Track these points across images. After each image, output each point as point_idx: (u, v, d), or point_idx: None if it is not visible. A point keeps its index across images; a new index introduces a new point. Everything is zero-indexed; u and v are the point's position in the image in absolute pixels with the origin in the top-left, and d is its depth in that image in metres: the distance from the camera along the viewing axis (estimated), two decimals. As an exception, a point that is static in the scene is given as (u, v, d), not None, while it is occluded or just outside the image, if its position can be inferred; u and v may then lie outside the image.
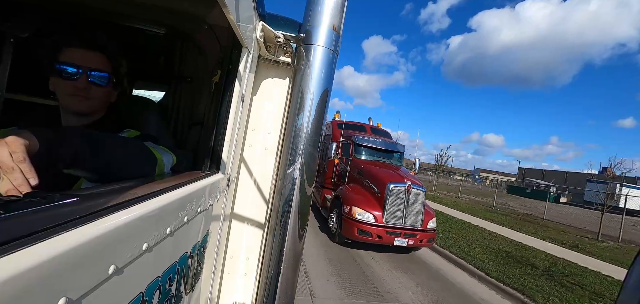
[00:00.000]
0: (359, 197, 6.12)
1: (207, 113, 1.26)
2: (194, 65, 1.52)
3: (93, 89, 0.91)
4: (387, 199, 5.78)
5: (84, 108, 0.92)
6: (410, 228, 5.85)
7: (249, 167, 1.46)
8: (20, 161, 0.50)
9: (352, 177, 7.10)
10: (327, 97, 1.14)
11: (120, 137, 0.90)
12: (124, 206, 0.51)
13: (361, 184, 6.64)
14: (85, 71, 0.89)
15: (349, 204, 5.94)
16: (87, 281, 0.40)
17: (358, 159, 7.38)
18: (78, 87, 0.88)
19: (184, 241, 0.79)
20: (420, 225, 5.93)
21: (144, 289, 0.57)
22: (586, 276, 6.09)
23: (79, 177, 0.78)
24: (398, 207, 5.84)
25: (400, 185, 5.89)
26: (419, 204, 5.98)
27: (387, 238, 5.70)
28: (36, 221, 0.37)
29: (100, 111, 0.99)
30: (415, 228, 5.89)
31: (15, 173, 0.50)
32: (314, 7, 1.09)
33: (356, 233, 5.67)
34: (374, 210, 5.81)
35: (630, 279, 1.74)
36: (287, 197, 1.11)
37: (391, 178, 6.08)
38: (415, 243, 5.89)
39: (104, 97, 0.96)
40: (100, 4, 1.29)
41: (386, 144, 7.96)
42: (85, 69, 0.88)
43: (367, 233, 5.66)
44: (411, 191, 5.90)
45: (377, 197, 6.03)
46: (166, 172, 0.94)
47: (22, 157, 0.50)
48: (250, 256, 1.48)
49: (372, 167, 6.74)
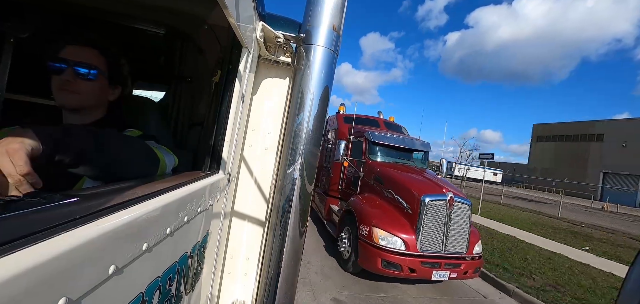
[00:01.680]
0: (380, 214, 4.48)
1: (207, 113, 1.26)
2: (194, 65, 1.52)
3: (81, 84, 0.90)
4: (422, 217, 4.11)
5: (72, 103, 0.91)
6: (453, 256, 4.17)
7: (249, 167, 1.46)
8: (25, 174, 0.51)
9: (366, 184, 5.46)
10: (327, 97, 1.14)
11: (123, 136, 0.89)
12: (124, 206, 0.51)
13: (380, 194, 5.01)
14: (72, 65, 0.88)
15: (367, 224, 4.31)
16: (87, 281, 0.40)
17: (374, 161, 5.69)
18: (64, 81, 0.88)
19: (184, 241, 0.79)
20: (466, 251, 4.24)
21: (144, 289, 0.57)
22: None
23: (81, 175, 0.78)
24: (437, 229, 4.17)
25: (440, 198, 4.21)
26: (464, 223, 4.30)
27: (423, 271, 4.02)
28: (36, 221, 0.36)
29: (97, 109, 0.98)
30: (459, 256, 4.19)
31: (23, 186, 0.51)
32: (314, 7, 1.09)
33: (379, 265, 4.02)
34: (403, 232, 4.12)
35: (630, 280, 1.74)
36: (287, 196, 1.11)
37: (426, 188, 4.39)
38: (458, 276, 4.20)
39: (96, 93, 0.95)
40: (101, 4, 1.30)
41: (410, 142, 6.24)
42: (71, 63, 0.88)
43: (395, 265, 3.98)
44: (454, 206, 4.24)
45: (406, 213, 4.35)
46: (167, 173, 0.94)
47: (26, 169, 0.50)
48: (250, 256, 1.48)
49: (395, 173, 5.09)
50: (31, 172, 0.51)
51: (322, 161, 7.57)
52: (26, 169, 0.50)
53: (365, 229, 4.32)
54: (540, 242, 8.25)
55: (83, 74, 0.90)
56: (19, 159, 0.50)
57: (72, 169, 0.63)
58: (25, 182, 0.51)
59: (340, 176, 6.35)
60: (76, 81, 0.89)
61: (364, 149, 5.92)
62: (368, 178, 5.46)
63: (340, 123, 7.15)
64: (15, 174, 0.49)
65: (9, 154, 0.49)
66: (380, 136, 5.99)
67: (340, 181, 6.35)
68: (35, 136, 0.54)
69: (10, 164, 0.49)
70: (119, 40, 1.01)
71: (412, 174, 5.17)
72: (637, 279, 1.72)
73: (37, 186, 0.53)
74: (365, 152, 5.88)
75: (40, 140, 0.54)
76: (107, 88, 0.99)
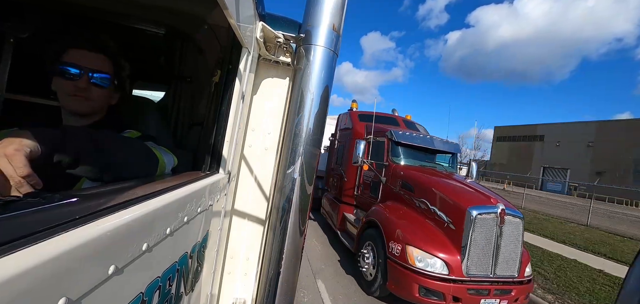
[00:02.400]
0: (414, 229, 3.68)
1: (207, 113, 1.26)
2: (194, 65, 1.52)
3: (93, 90, 0.91)
4: (468, 234, 3.32)
5: (83, 109, 0.92)
6: (503, 280, 3.42)
7: (249, 167, 1.46)
8: (25, 175, 0.51)
9: (389, 191, 4.68)
10: (327, 97, 1.14)
11: (122, 137, 0.90)
12: (124, 206, 0.51)
13: (409, 204, 4.21)
14: (87, 72, 0.89)
15: (399, 241, 3.56)
16: (87, 281, 0.40)
17: (397, 165, 4.85)
18: (79, 88, 0.88)
19: (184, 241, 0.79)
20: (517, 274, 3.49)
21: (144, 289, 0.57)
22: None
23: (80, 176, 0.78)
24: (486, 249, 3.39)
25: (489, 211, 3.41)
26: (517, 240, 3.53)
27: (469, 301, 3.26)
28: (36, 221, 0.37)
29: (100, 112, 0.99)
30: (510, 280, 3.45)
31: (24, 187, 0.51)
32: (314, 7, 1.09)
33: (416, 292, 3.27)
34: (444, 252, 3.35)
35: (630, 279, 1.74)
36: (287, 196, 1.11)
37: (472, 198, 3.58)
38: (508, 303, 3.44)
39: (104, 98, 0.96)
40: (100, 4, 1.30)
41: (439, 143, 5.39)
42: (86, 69, 0.89)
43: (436, 293, 3.23)
44: (506, 220, 3.44)
45: (446, 229, 3.57)
46: (166, 173, 0.94)
47: (25, 171, 0.50)
48: (250, 256, 1.48)
49: (429, 179, 4.24)
50: (31, 173, 0.51)
51: (332, 163, 7.20)
52: (26, 170, 0.50)
53: (396, 247, 3.55)
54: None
55: (97, 81, 0.91)
56: (18, 161, 0.50)
57: (71, 170, 0.63)
58: (26, 183, 0.51)
59: (356, 180, 5.63)
60: (90, 88, 0.90)
61: (385, 150, 5.09)
62: (392, 184, 4.65)
63: (354, 121, 6.30)
64: (16, 176, 0.50)
65: (8, 156, 0.49)
66: (405, 136, 5.13)
67: (356, 186, 5.63)
68: (33, 137, 0.54)
69: (9, 166, 0.49)
70: (119, 41, 1.01)
71: (448, 180, 4.31)
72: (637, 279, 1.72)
73: (38, 186, 0.53)
74: (387, 154, 5.05)
75: (39, 141, 0.54)
76: (112, 93, 1.00)
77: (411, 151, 5.12)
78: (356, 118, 6.43)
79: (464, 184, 4.21)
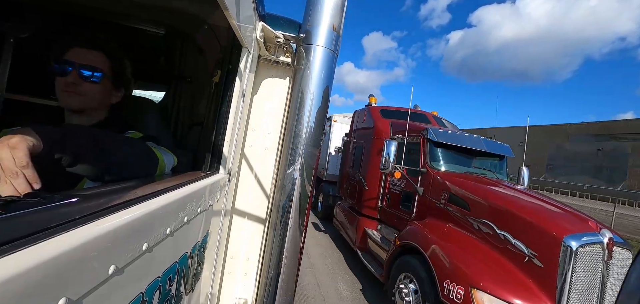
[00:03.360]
0: (480, 265, 2.61)
1: (207, 113, 1.26)
2: (194, 65, 1.52)
3: (84, 85, 0.91)
4: (564, 272, 2.31)
5: (74, 104, 0.92)
6: None
7: (249, 167, 1.46)
8: (24, 166, 0.50)
9: (429, 206, 3.65)
10: (327, 97, 1.14)
11: (123, 137, 0.91)
12: (124, 206, 0.51)
13: (461, 224, 3.15)
14: (77, 68, 0.89)
15: (459, 280, 2.52)
16: (87, 281, 0.40)
17: (438, 171, 3.77)
18: (68, 83, 0.89)
19: (184, 241, 0.79)
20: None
21: (144, 289, 0.57)
22: None
23: (82, 176, 0.78)
24: (589, 293, 2.40)
25: (592, 239, 2.41)
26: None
27: None
28: (36, 221, 0.37)
29: (100, 110, 0.99)
30: None
31: (19, 179, 0.50)
32: (314, 7, 1.09)
33: None
34: (528, 299, 2.31)
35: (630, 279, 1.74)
36: (287, 196, 1.11)
37: (564, 222, 2.55)
38: None
39: (99, 95, 0.95)
40: (100, 4, 1.30)
41: (490, 144, 4.26)
42: (77, 65, 0.89)
43: None
44: (614, 253, 2.47)
45: (527, 265, 2.48)
46: (166, 173, 0.95)
47: (25, 161, 0.50)
48: (250, 256, 1.48)
49: (491, 192, 3.16)
50: (30, 166, 0.51)
51: (347, 166, 6.09)
52: (25, 161, 0.50)
53: (455, 290, 2.49)
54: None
55: (87, 76, 0.91)
56: (20, 151, 0.50)
57: (72, 169, 0.63)
58: (22, 176, 0.50)
59: (381, 189, 4.59)
60: (80, 83, 0.90)
61: (422, 153, 3.96)
62: (433, 197, 3.59)
63: (376, 118, 5.20)
64: (13, 167, 0.49)
65: (10, 146, 0.49)
66: (448, 135, 3.99)
67: (380, 196, 4.60)
68: (35, 134, 0.54)
69: (9, 156, 0.49)
70: (119, 41, 1.01)
71: (521, 194, 3.22)
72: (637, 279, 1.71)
73: (34, 183, 0.53)
74: (424, 157, 3.92)
75: (41, 138, 0.54)
76: (110, 90, 0.99)
77: (454, 155, 3.98)
78: (378, 114, 5.30)
79: (543, 199, 3.13)
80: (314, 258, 5.11)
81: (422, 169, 3.89)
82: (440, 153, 3.93)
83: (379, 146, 4.58)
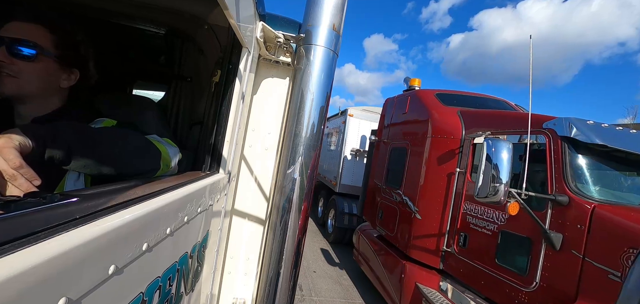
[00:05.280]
0: None
1: (207, 113, 1.26)
2: (194, 65, 1.52)
3: (19, 65, 0.75)
4: None
5: (8, 88, 0.76)
6: None
7: (249, 167, 1.46)
8: (18, 167, 0.50)
9: (580, 268, 1.95)
10: (328, 97, 1.14)
11: (117, 130, 0.83)
12: (124, 206, 0.51)
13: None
14: (7, 44, 0.73)
15: None
16: (87, 281, 0.40)
17: (590, 201, 2.01)
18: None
19: (184, 241, 0.79)
20: None
21: (144, 289, 0.57)
22: None
23: (63, 174, 0.76)
24: None
25: None
26: None
27: None
28: (36, 221, 0.36)
29: (49, 97, 0.85)
30: None
31: (19, 180, 0.50)
32: (314, 7, 1.09)
33: None
34: None
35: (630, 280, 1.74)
36: (287, 196, 1.11)
37: None
38: None
39: (38, 76, 0.79)
40: (101, 4, 1.30)
41: None
42: (6, 40, 0.74)
43: None
44: None
45: None
46: (173, 165, 0.91)
47: (18, 162, 0.50)
48: (250, 256, 1.48)
49: None
50: (24, 164, 0.51)
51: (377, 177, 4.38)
52: (18, 161, 0.50)
53: None
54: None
55: (18, 52, 0.74)
56: (9, 153, 0.49)
57: (66, 166, 0.62)
58: (20, 176, 0.50)
59: (447, 221, 2.92)
60: (11, 61, 0.74)
61: (554, 166, 2.26)
62: (594, 256, 1.94)
63: (432, 106, 3.46)
64: (9, 169, 0.49)
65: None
66: (615, 132, 2.20)
67: (449, 234, 2.90)
68: (22, 133, 0.53)
69: (1, 160, 0.48)
70: (119, 40, 1.00)
71: None
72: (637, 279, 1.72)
73: (34, 180, 0.52)
74: (564, 174, 2.20)
75: (28, 137, 0.53)
76: (57, 72, 0.83)
77: (617, 170, 2.28)
78: (434, 100, 3.52)
79: None
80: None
81: (560, 196, 2.13)
82: (597, 169, 2.19)
83: (441, 150, 3.07)
